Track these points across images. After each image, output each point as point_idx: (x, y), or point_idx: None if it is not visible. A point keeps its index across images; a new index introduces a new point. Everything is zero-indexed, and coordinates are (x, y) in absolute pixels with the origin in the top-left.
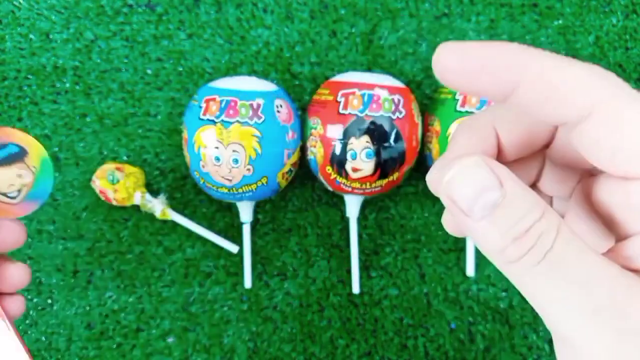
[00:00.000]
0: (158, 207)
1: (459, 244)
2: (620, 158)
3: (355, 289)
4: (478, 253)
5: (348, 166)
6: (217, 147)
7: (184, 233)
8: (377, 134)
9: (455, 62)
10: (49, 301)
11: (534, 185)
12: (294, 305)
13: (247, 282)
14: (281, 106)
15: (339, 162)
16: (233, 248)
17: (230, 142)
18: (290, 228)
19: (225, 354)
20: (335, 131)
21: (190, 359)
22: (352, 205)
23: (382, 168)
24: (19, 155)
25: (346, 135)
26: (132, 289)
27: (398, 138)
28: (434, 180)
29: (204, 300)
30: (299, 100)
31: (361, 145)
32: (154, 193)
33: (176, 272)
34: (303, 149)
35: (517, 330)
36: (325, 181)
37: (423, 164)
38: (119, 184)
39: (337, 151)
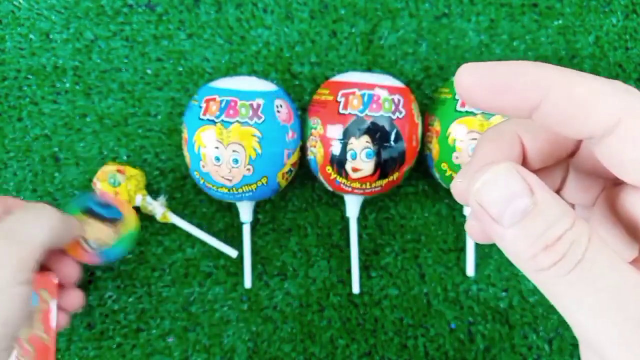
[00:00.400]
0: (159, 210)
1: (459, 244)
2: None
3: (355, 289)
4: (478, 253)
5: (348, 166)
6: (217, 147)
7: (184, 233)
8: (377, 134)
9: (477, 81)
10: None
11: (557, 193)
12: (294, 305)
13: (247, 282)
14: (281, 106)
15: (339, 162)
16: (232, 252)
17: (230, 142)
18: (290, 228)
19: (225, 354)
20: (335, 131)
21: (190, 359)
22: (352, 205)
23: (382, 168)
24: (117, 221)
25: (346, 135)
26: (132, 289)
27: (398, 138)
28: (459, 188)
29: (204, 300)
30: (299, 100)
31: (361, 145)
32: (154, 193)
33: (176, 272)
34: (303, 149)
35: (517, 330)
36: (325, 181)
37: (423, 164)
38: (120, 187)
39: (337, 151)
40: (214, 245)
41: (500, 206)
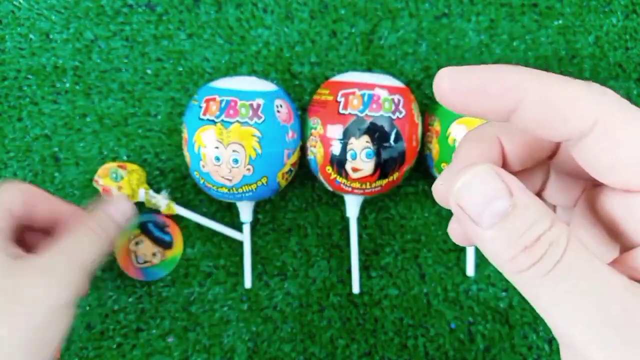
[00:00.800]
0: (163, 202)
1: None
2: (621, 172)
3: (355, 289)
4: (478, 253)
5: (348, 166)
6: (217, 147)
7: (184, 233)
8: (377, 134)
9: (455, 85)
10: None
11: (538, 195)
12: (294, 305)
13: (247, 282)
14: (281, 106)
15: (339, 162)
16: (240, 236)
17: (230, 142)
18: (290, 228)
19: (225, 354)
20: (335, 131)
21: (190, 359)
22: (352, 205)
23: (382, 168)
24: (166, 245)
25: (346, 135)
26: (132, 289)
27: (398, 138)
28: (440, 190)
29: (204, 300)
30: (299, 100)
31: (361, 145)
32: (155, 192)
33: (176, 272)
34: (303, 149)
35: (517, 330)
36: (325, 181)
37: (423, 164)
38: (122, 180)
39: (337, 151)
40: (221, 231)
41: (479, 208)
